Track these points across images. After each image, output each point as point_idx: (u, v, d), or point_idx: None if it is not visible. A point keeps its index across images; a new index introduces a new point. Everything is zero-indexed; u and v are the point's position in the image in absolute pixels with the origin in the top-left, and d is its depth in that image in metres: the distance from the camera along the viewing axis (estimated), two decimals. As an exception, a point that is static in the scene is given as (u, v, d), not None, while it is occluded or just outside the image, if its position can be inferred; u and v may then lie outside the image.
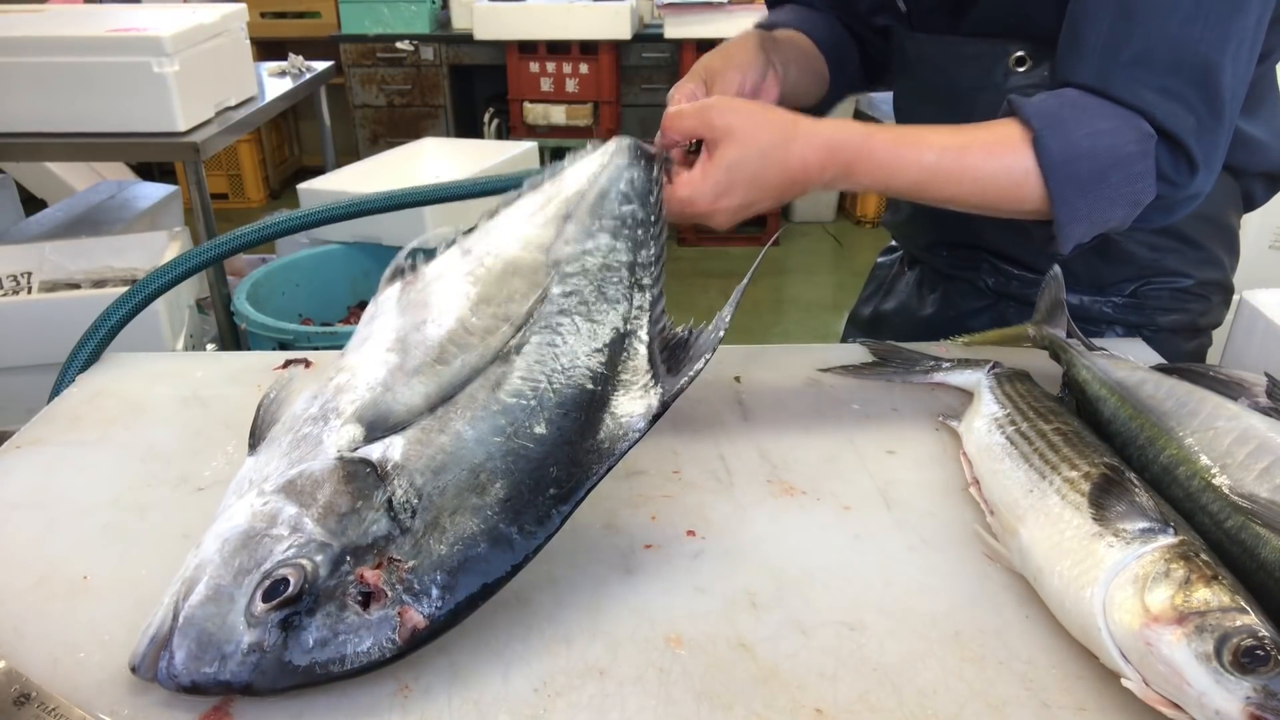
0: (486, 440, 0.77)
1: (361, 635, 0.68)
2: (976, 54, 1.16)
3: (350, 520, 0.72)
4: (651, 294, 0.90)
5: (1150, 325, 1.26)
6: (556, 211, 0.94)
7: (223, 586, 0.69)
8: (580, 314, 0.86)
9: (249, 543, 0.71)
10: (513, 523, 0.75)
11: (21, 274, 2.80)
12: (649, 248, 0.93)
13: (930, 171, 1.00)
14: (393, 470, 0.75)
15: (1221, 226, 1.26)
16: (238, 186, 5.79)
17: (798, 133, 0.98)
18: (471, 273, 0.90)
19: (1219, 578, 0.69)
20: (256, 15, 5.23)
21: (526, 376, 0.81)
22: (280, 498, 0.74)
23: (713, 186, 0.96)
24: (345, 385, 0.83)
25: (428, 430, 0.78)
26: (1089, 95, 1.00)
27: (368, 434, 0.78)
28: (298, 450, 0.79)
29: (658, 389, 0.82)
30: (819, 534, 0.91)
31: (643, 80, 5.11)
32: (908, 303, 1.46)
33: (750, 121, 0.97)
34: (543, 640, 0.77)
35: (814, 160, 0.98)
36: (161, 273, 1.26)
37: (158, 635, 0.68)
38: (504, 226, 0.95)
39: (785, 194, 1.00)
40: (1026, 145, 0.98)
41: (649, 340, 0.86)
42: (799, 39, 1.32)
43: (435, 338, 0.85)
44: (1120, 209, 1.00)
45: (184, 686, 0.67)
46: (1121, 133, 0.97)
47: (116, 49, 2.66)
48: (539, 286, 0.87)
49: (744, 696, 0.72)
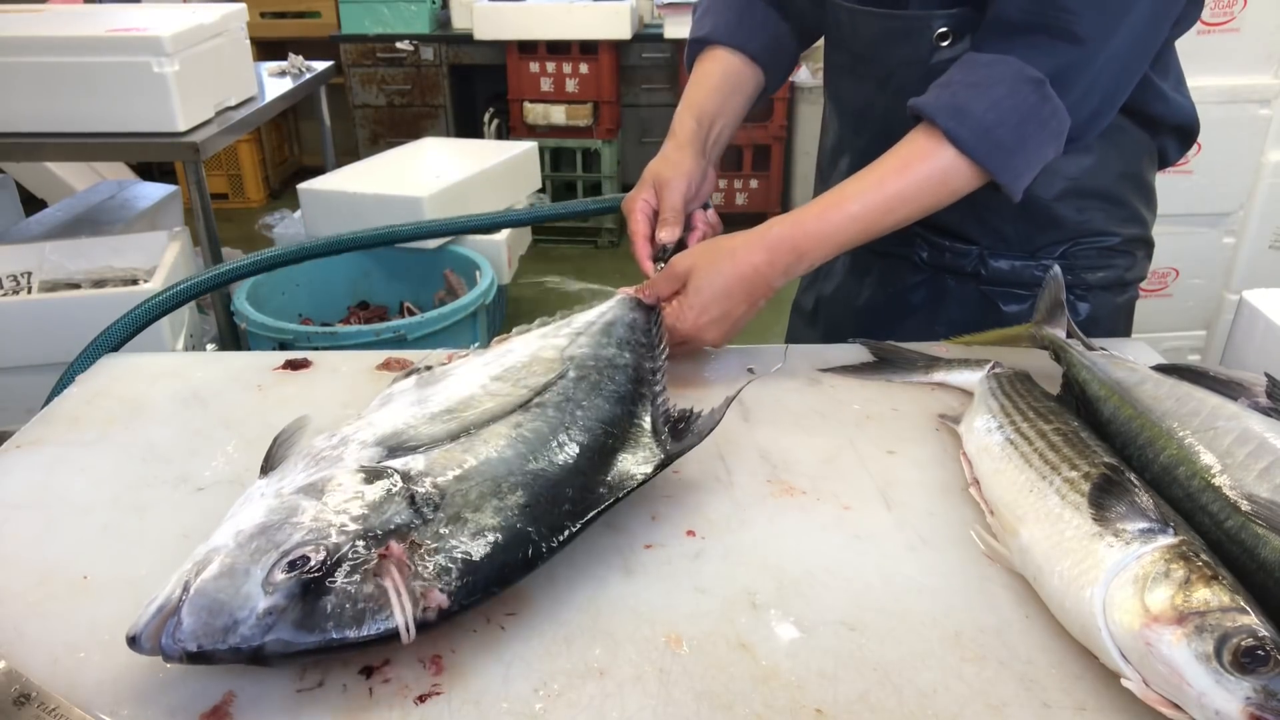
0: (507, 460, 0.82)
1: (379, 607, 0.69)
2: (905, 29, 1.22)
3: (373, 512, 0.74)
4: (655, 389, 1.00)
5: (1081, 285, 1.32)
6: (568, 332, 1.07)
7: (239, 564, 0.69)
8: (594, 391, 0.95)
9: (267, 530, 0.72)
10: (530, 524, 0.77)
11: (21, 274, 2.80)
12: (652, 361, 1.06)
13: (863, 217, 1.12)
14: (416, 475, 0.78)
15: (1141, 184, 1.33)
16: (238, 186, 5.79)
17: (739, 246, 1.15)
18: (489, 364, 1.00)
19: (1219, 578, 0.69)
20: (256, 15, 5.23)
21: (544, 422, 0.88)
22: (299, 496, 0.76)
23: (689, 311, 1.14)
24: (365, 425, 0.88)
25: (450, 451, 0.82)
26: (980, 62, 1.10)
27: (389, 455, 0.82)
28: (316, 466, 0.81)
29: (661, 449, 0.91)
30: (819, 534, 0.91)
31: (643, 80, 5.11)
32: (845, 285, 1.49)
33: (702, 255, 1.17)
34: (543, 640, 0.77)
35: (761, 260, 1.13)
36: (167, 297, 1.28)
37: (164, 606, 0.67)
38: (517, 341, 1.07)
39: (751, 294, 1.15)
40: (940, 143, 1.09)
41: (653, 417, 0.95)
42: (729, 72, 1.39)
43: (457, 396, 0.92)
44: (1048, 147, 1.11)
45: (189, 653, 0.66)
46: (1018, 90, 1.07)
47: (116, 49, 2.65)
48: (557, 372, 0.97)
49: (744, 696, 0.72)
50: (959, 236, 1.32)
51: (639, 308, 1.14)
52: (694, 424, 0.95)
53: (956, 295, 1.35)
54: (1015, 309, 1.31)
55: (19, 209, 3.57)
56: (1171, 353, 2.54)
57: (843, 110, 1.42)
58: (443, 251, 3.37)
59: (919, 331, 1.31)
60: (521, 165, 3.85)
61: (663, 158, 1.34)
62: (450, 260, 3.36)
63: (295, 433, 0.92)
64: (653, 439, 0.92)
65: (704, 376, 1.21)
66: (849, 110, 1.40)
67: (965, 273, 1.33)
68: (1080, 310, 1.32)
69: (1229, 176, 2.81)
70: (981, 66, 1.10)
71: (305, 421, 0.94)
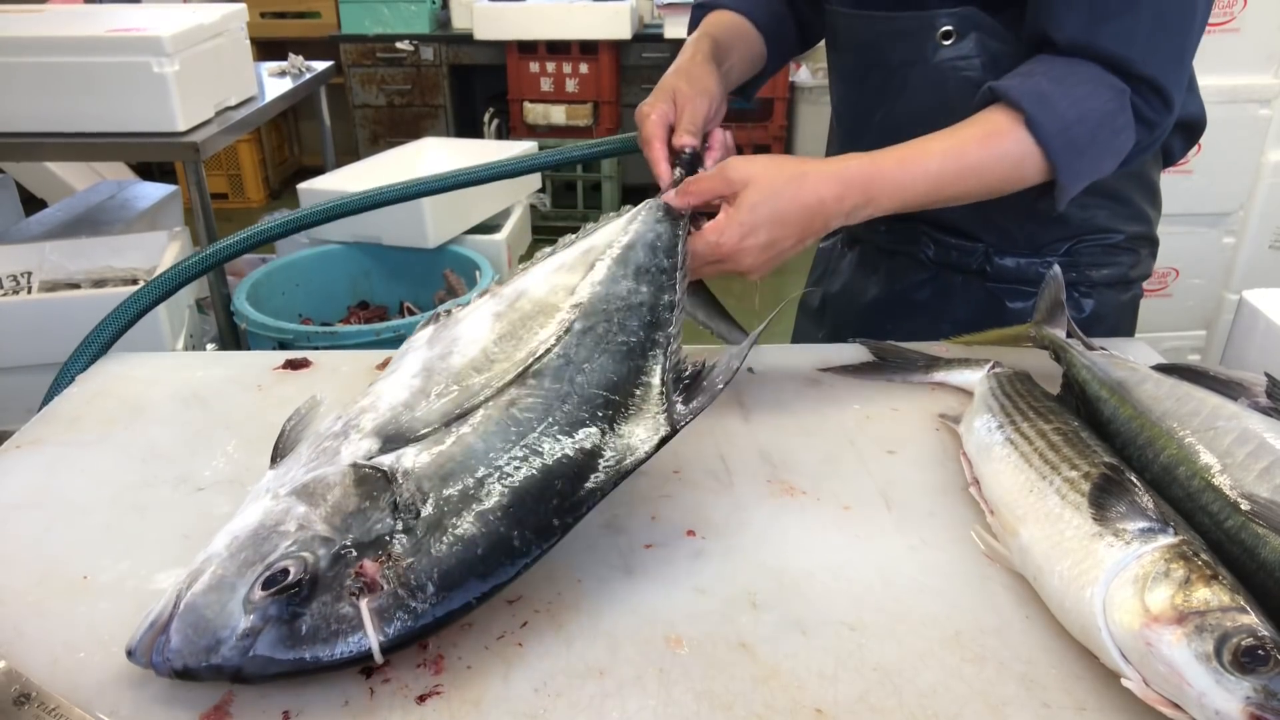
0: (495, 450, 0.79)
1: (353, 627, 0.69)
2: (906, 29, 1.21)
3: (355, 519, 0.74)
4: (669, 333, 0.94)
5: (1085, 282, 1.31)
6: (584, 260, 1.00)
7: (226, 577, 0.70)
8: (599, 347, 0.90)
9: (256, 538, 0.73)
10: (514, 528, 0.76)
11: (21, 274, 2.80)
12: (670, 294, 0.98)
13: (938, 177, 1.06)
14: (402, 476, 0.77)
15: (1146, 181, 1.32)
16: (238, 186, 5.78)
17: (810, 171, 1.04)
18: (498, 313, 0.96)
19: (1219, 578, 0.69)
20: (256, 15, 5.22)
21: (540, 397, 0.84)
22: (292, 499, 0.76)
23: (737, 227, 1.02)
24: (369, 406, 0.87)
25: (439, 440, 0.80)
26: (1059, 60, 1.07)
27: (384, 446, 0.81)
28: (316, 460, 0.81)
29: (668, 415, 0.85)
30: (819, 534, 0.91)
31: (643, 80, 5.11)
32: (851, 282, 1.48)
33: (766, 168, 1.04)
34: (543, 640, 0.77)
35: (830, 193, 1.03)
36: (148, 289, 1.27)
37: (157, 621, 0.69)
38: (533, 275, 1.01)
39: (807, 228, 1.05)
40: (1019, 127, 1.05)
41: (663, 373, 0.89)
42: (739, 26, 1.38)
43: (458, 365, 0.89)
44: (1108, 160, 1.09)
45: (176, 671, 0.67)
46: (1099, 93, 1.05)
47: (116, 49, 2.65)
48: (562, 325, 0.92)
49: (744, 696, 0.72)
50: (965, 234, 1.32)
51: (666, 218, 1.04)
52: (706, 378, 0.88)
53: (962, 293, 1.35)
54: (1021, 306, 1.31)
55: (19, 209, 3.56)
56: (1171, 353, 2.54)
57: (845, 111, 1.42)
58: (442, 251, 3.36)
59: (925, 329, 1.31)
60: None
61: (682, 72, 1.24)
62: (450, 260, 3.36)
63: (307, 414, 0.92)
64: (660, 402, 0.86)
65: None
66: (851, 111, 1.40)
67: (971, 270, 1.33)
68: (1085, 308, 1.31)
69: (1229, 176, 2.81)
70: (1062, 64, 1.07)
71: (316, 402, 0.95)
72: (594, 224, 1.08)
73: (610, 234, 1.04)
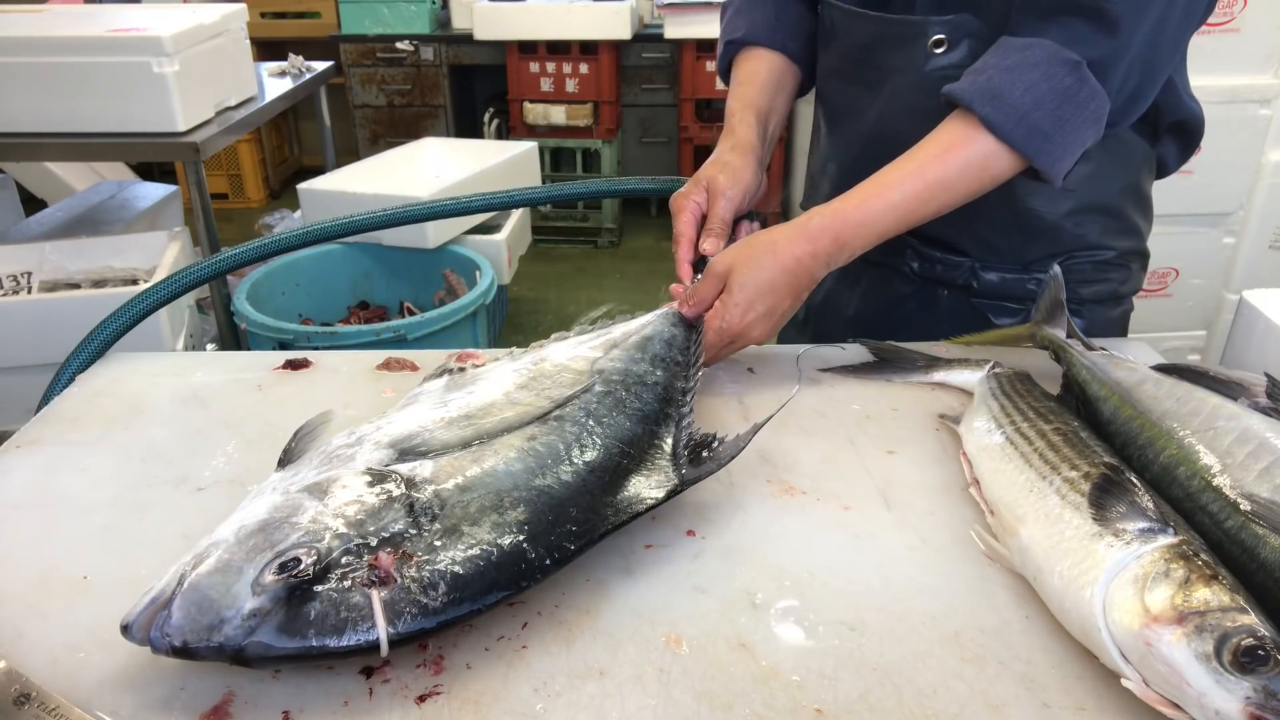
0: (515, 474, 0.81)
1: (362, 617, 0.69)
2: (900, 34, 1.21)
3: (371, 516, 0.74)
4: (682, 410, 0.98)
5: (1075, 299, 1.29)
6: (603, 345, 1.06)
7: (234, 561, 0.70)
8: (618, 409, 0.93)
9: (267, 528, 0.73)
10: (527, 544, 0.76)
11: (21, 274, 2.80)
12: (684, 381, 1.03)
13: (903, 205, 1.10)
14: (420, 482, 0.78)
15: (1140, 195, 1.31)
16: (238, 186, 5.79)
17: (779, 238, 1.11)
18: (519, 370, 1.00)
19: (1219, 578, 0.69)
20: (256, 15, 5.23)
21: (559, 437, 0.87)
22: (304, 495, 0.76)
23: (736, 307, 1.10)
24: (384, 425, 0.89)
25: (459, 459, 0.82)
26: (1015, 44, 1.08)
27: (400, 458, 0.82)
28: (328, 465, 0.82)
29: (678, 473, 0.89)
30: (819, 534, 0.91)
31: (643, 80, 5.11)
32: (835, 293, 1.48)
33: (741, 251, 1.12)
34: (543, 640, 0.77)
35: (803, 251, 1.10)
36: (153, 291, 1.27)
37: (158, 598, 0.68)
38: (552, 348, 1.06)
39: (796, 287, 1.11)
40: (976, 130, 1.07)
41: (675, 437, 0.94)
42: (774, 72, 1.38)
43: (478, 403, 0.92)
44: (1087, 130, 1.08)
45: (175, 648, 0.67)
46: (1053, 73, 1.05)
47: (116, 49, 2.66)
48: (585, 385, 0.95)
49: (744, 696, 0.72)
50: (950, 248, 1.31)
51: (680, 324, 1.11)
52: (715, 450, 0.93)
53: (948, 307, 1.33)
54: (1007, 322, 1.30)
55: (19, 209, 3.57)
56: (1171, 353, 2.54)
57: (831, 115, 1.41)
58: (443, 251, 3.36)
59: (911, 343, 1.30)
60: (521, 165, 3.85)
61: (722, 163, 1.28)
62: (450, 260, 3.36)
63: (318, 427, 0.93)
64: (670, 462, 0.90)
65: (714, 386, 1.21)
66: (838, 115, 1.39)
67: (957, 285, 1.32)
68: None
69: (1229, 176, 2.80)
70: (1016, 50, 1.07)
71: (328, 417, 0.95)
72: (610, 320, 1.14)
73: (627, 329, 1.10)
